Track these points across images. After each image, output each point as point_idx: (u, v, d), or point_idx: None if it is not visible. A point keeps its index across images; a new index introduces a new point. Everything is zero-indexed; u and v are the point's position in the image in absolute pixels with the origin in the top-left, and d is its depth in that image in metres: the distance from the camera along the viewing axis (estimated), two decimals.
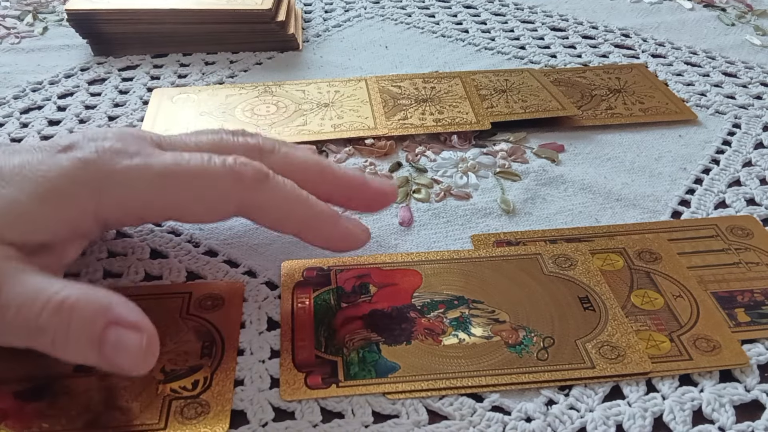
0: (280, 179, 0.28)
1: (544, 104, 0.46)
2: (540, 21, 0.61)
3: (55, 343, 0.23)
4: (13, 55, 0.53)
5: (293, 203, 0.28)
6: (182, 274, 0.32)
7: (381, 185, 0.32)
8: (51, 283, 0.23)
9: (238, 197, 0.28)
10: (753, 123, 0.46)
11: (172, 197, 0.27)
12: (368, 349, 0.28)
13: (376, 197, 0.31)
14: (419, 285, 0.31)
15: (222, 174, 0.27)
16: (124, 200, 0.26)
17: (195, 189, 0.27)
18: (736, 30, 0.59)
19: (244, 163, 0.28)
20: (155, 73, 0.51)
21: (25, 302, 0.23)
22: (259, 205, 0.28)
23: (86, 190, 0.26)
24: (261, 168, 0.28)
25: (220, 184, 0.27)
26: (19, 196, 0.25)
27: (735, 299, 0.31)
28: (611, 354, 0.28)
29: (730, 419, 0.26)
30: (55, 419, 0.25)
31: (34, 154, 0.26)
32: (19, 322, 0.23)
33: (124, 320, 0.23)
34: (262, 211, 0.28)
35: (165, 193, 0.27)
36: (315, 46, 0.56)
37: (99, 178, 0.26)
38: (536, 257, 0.33)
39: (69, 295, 0.23)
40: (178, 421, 0.25)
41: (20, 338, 0.24)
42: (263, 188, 0.28)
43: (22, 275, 0.24)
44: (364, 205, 0.31)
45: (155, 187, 0.27)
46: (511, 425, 0.26)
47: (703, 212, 0.37)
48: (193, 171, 0.27)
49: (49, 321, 0.23)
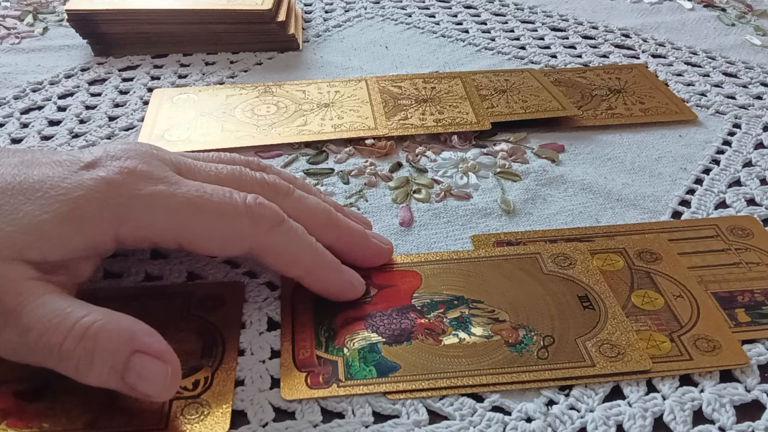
0: (294, 224, 0.29)
1: (545, 104, 0.46)
2: (540, 21, 0.61)
3: (79, 370, 0.23)
4: (13, 56, 0.53)
5: (303, 249, 0.29)
6: (183, 274, 0.32)
7: (378, 247, 0.32)
8: (74, 308, 0.24)
9: (253, 238, 0.28)
10: (753, 123, 0.46)
11: (191, 229, 0.27)
12: (369, 349, 0.28)
13: (371, 257, 0.32)
14: (419, 286, 0.31)
15: (241, 213, 0.27)
16: (145, 226, 0.27)
17: (214, 224, 0.27)
18: (737, 30, 0.59)
19: (263, 204, 0.28)
20: (155, 74, 0.51)
21: (49, 327, 0.23)
22: (272, 248, 0.28)
23: (108, 212, 0.26)
24: (278, 212, 0.28)
25: (238, 224, 0.27)
26: (41, 215, 0.25)
27: (735, 299, 0.31)
28: (611, 352, 0.28)
29: (731, 419, 0.26)
30: (56, 419, 0.25)
31: (54, 168, 0.26)
32: (41, 346, 0.23)
33: (148, 349, 0.23)
34: (274, 254, 0.29)
35: (184, 224, 0.27)
36: (315, 47, 0.56)
37: (121, 203, 0.26)
38: (536, 256, 0.33)
39: (93, 322, 0.23)
40: (178, 421, 0.25)
41: (42, 361, 0.24)
42: (278, 232, 0.28)
43: (44, 297, 0.24)
44: (359, 260, 0.32)
45: (176, 217, 0.27)
46: (512, 425, 0.26)
47: (704, 212, 0.37)
48: (215, 206, 0.27)
49: (73, 348, 0.23)
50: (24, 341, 0.23)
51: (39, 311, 0.23)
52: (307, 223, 0.30)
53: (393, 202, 0.38)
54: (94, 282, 0.32)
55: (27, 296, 0.24)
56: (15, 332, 0.23)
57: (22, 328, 0.23)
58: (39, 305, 0.24)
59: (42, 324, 0.23)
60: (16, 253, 0.24)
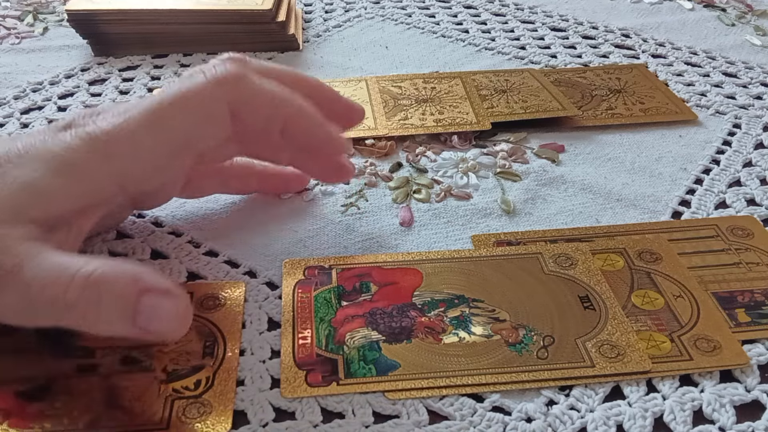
0: (260, 78, 0.29)
1: (545, 104, 0.46)
2: (540, 21, 0.61)
3: (87, 318, 0.23)
4: (13, 56, 0.53)
5: (278, 95, 0.29)
6: (183, 274, 0.32)
7: (351, 102, 0.33)
8: (74, 260, 0.24)
9: (226, 98, 0.28)
10: (753, 123, 0.46)
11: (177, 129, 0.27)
12: (369, 348, 0.28)
13: (345, 111, 0.33)
14: (420, 284, 0.31)
15: (206, 84, 0.28)
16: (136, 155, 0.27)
17: (191, 112, 0.27)
18: (737, 30, 0.59)
19: (217, 64, 0.29)
20: (155, 74, 0.51)
21: (50, 280, 0.23)
22: (246, 101, 0.29)
23: (95, 156, 0.26)
24: (236, 66, 0.29)
25: (208, 94, 0.28)
26: (32, 174, 0.25)
27: (735, 299, 0.31)
28: (611, 353, 0.28)
29: (731, 419, 0.26)
30: (57, 419, 0.25)
31: (36, 136, 0.27)
32: (44, 300, 0.23)
33: (155, 288, 0.23)
34: (252, 109, 0.29)
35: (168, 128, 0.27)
36: (315, 47, 0.56)
37: (105, 142, 0.26)
38: (537, 256, 0.33)
39: (96, 269, 0.23)
40: (180, 420, 0.25)
41: (48, 317, 0.24)
42: (245, 82, 0.28)
43: (44, 254, 0.24)
44: (332, 115, 0.32)
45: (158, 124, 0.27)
46: (512, 425, 0.26)
47: (704, 212, 0.37)
48: (182, 95, 0.27)
49: (78, 296, 0.23)
50: (26, 300, 0.23)
51: (38, 268, 0.23)
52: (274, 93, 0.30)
53: (393, 202, 0.38)
54: None
55: (25, 256, 0.24)
56: (16, 293, 0.23)
57: (23, 287, 0.23)
58: (38, 263, 0.23)
59: (42, 279, 0.23)
60: (12, 216, 0.24)
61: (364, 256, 0.33)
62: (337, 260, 0.33)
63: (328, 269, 0.32)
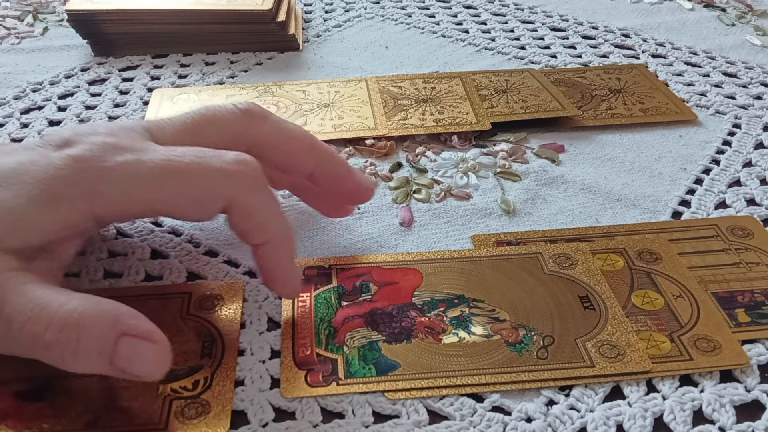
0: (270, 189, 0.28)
1: (545, 104, 0.46)
2: (540, 21, 0.61)
3: (65, 359, 0.23)
4: (13, 56, 0.53)
5: (277, 214, 0.28)
6: (182, 274, 0.32)
7: (361, 178, 0.32)
8: (54, 296, 0.23)
9: (231, 197, 0.27)
10: (753, 123, 0.46)
11: (164, 194, 0.26)
12: (368, 348, 0.28)
13: (353, 187, 0.32)
14: (420, 284, 0.31)
15: (217, 170, 0.26)
16: (118, 198, 0.26)
17: (187, 187, 0.26)
18: (736, 30, 0.59)
19: (244, 161, 0.27)
20: (155, 74, 0.51)
21: (30, 317, 0.23)
22: (248, 206, 0.27)
23: (79, 188, 0.25)
24: (259, 169, 0.27)
25: (212, 183, 0.26)
26: (15, 200, 0.24)
27: (735, 299, 0.31)
28: (611, 353, 0.28)
29: (731, 419, 0.26)
30: (56, 419, 0.25)
31: (28, 154, 0.26)
32: (24, 337, 0.23)
33: (135, 330, 0.23)
34: (248, 213, 0.27)
35: (156, 190, 0.26)
36: (315, 47, 0.56)
37: (90, 177, 0.25)
38: (537, 256, 0.33)
39: (75, 308, 0.23)
40: (178, 421, 0.25)
41: (28, 353, 0.24)
42: (257, 192, 0.27)
43: (24, 287, 0.23)
44: (341, 190, 0.31)
45: (147, 184, 0.26)
46: (512, 425, 0.26)
47: (704, 212, 0.37)
48: (185, 167, 0.26)
49: (55, 338, 0.22)
50: (8, 334, 0.23)
51: (20, 302, 0.23)
52: (290, 147, 0.29)
53: (393, 202, 0.38)
54: (93, 282, 0.32)
55: (7, 289, 0.23)
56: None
57: (4, 320, 0.23)
58: (19, 296, 0.23)
59: (23, 314, 0.23)
60: None
61: (364, 256, 0.33)
62: (337, 260, 0.33)
63: (327, 269, 0.32)
